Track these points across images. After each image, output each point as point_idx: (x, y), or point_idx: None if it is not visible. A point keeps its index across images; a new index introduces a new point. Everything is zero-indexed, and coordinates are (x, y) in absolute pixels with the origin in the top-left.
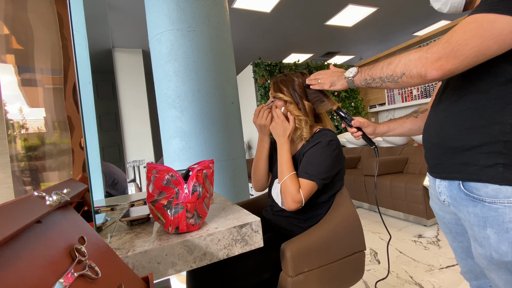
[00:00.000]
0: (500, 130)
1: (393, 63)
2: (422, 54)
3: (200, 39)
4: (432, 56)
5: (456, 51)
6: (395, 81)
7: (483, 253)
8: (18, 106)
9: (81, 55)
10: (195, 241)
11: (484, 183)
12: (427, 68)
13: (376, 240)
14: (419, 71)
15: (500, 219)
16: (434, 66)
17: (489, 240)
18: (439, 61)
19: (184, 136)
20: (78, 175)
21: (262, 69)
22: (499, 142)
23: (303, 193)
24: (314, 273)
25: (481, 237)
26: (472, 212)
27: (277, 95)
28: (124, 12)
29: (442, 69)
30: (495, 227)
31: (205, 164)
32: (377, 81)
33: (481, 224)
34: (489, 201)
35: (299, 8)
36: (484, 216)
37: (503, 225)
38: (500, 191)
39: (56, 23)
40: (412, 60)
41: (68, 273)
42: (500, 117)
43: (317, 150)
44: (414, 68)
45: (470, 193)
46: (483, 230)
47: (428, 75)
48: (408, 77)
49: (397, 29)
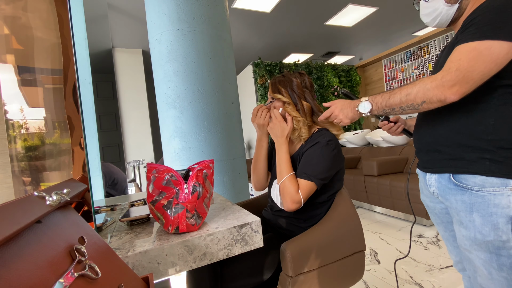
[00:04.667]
0: (483, 130)
1: (412, 93)
2: (438, 83)
3: (200, 39)
4: (448, 83)
5: (467, 77)
6: (416, 108)
7: (467, 234)
8: (18, 106)
9: (81, 55)
10: (195, 241)
11: (473, 175)
12: (446, 94)
13: (376, 240)
14: (439, 98)
15: (485, 205)
16: (451, 92)
17: (474, 223)
18: (454, 86)
19: (184, 136)
20: (78, 175)
21: (262, 69)
22: (484, 140)
23: (302, 194)
24: (314, 273)
25: (467, 220)
26: (460, 200)
27: (275, 96)
28: (124, 12)
29: (459, 93)
30: (481, 211)
31: (205, 164)
32: (397, 110)
33: (468, 209)
34: (477, 189)
35: (299, 8)
36: (471, 203)
37: (488, 210)
38: (486, 181)
39: (56, 23)
40: (430, 89)
41: (68, 273)
42: (483, 119)
43: (315, 150)
44: (434, 97)
45: (460, 183)
46: (470, 214)
47: (447, 100)
48: (429, 103)
49: (397, 29)
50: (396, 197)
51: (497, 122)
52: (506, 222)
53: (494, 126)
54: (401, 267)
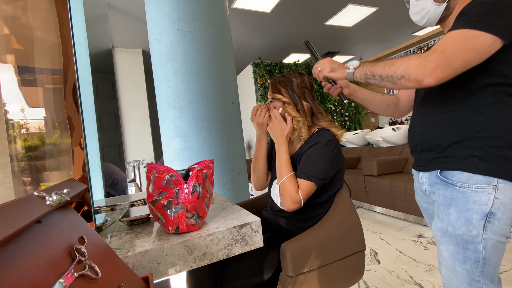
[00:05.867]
0: (475, 128)
1: (395, 64)
2: (421, 61)
3: (200, 39)
4: (431, 64)
5: (450, 61)
6: (394, 81)
7: (440, 226)
8: (18, 106)
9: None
10: (195, 241)
11: (460, 171)
12: (425, 75)
13: (376, 240)
14: (417, 76)
15: (464, 200)
16: (431, 74)
17: (450, 217)
18: (436, 69)
19: (184, 136)
20: (78, 175)
21: (262, 69)
22: (475, 138)
23: (302, 194)
24: (314, 273)
25: (444, 214)
26: (442, 194)
27: (275, 96)
28: (124, 12)
29: (438, 77)
30: (458, 206)
31: (205, 164)
32: (377, 78)
33: (447, 204)
34: (460, 185)
35: (299, 8)
36: (451, 197)
37: (465, 205)
38: (471, 178)
39: (56, 23)
40: (412, 65)
41: (68, 273)
42: (475, 117)
43: (315, 150)
44: (413, 73)
45: (445, 178)
46: (447, 208)
47: (424, 82)
48: (407, 80)
49: (397, 29)
50: (396, 197)
51: (488, 120)
52: (480, 218)
53: (485, 124)
54: (401, 267)
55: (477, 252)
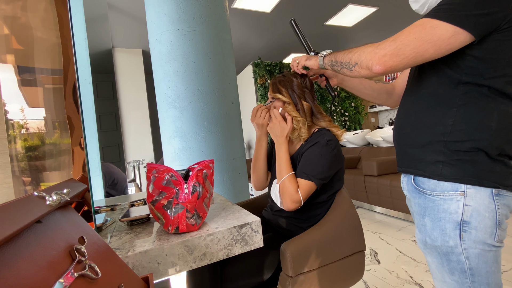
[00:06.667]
0: (442, 131)
1: (352, 51)
2: (373, 48)
3: (200, 39)
4: (380, 51)
5: (399, 50)
6: (350, 68)
7: (420, 238)
8: (18, 106)
9: (81, 55)
10: (195, 241)
11: (428, 178)
12: (373, 62)
13: (376, 240)
14: (367, 63)
15: (435, 209)
16: (379, 61)
17: (425, 227)
18: (384, 57)
19: (184, 136)
20: (78, 175)
21: (262, 69)
22: (441, 142)
23: (302, 193)
24: (314, 273)
25: (420, 224)
26: (417, 203)
27: (275, 95)
28: (124, 12)
29: (385, 65)
30: (431, 216)
31: (205, 164)
32: (338, 65)
33: (421, 213)
34: (429, 193)
35: (299, 8)
36: (424, 206)
37: (437, 214)
38: (438, 185)
39: (56, 23)
40: (365, 52)
41: (68, 273)
42: (444, 119)
43: (315, 150)
44: (365, 60)
45: (418, 186)
46: (422, 218)
47: (373, 69)
48: (360, 67)
49: (397, 29)
50: (396, 197)
51: (456, 123)
52: (453, 227)
53: (452, 127)
54: (401, 267)
55: (460, 263)
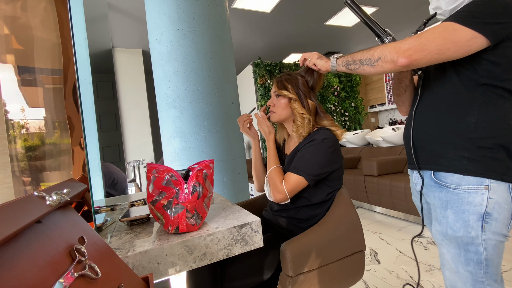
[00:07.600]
0: (465, 128)
1: (372, 49)
2: (397, 44)
3: (200, 39)
4: (404, 46)
5: (424, 45)
6: (372, 64)
7: (440, 229)
8: (18, 106)
9: (81, 55)
10: (195, 241)
11: (451, 173)
12: (399, 55)
13: (376, 240)
14: (392, 57)
15: (459, 202)
16: (404, 54)
17: (448, 219)
18: (409, 50)
19: (184, 136)
20: (78, 175)
21: (262, 69)
22: (465, 138)
23: (286, 186)
24: (314, 273)
25: (442, 216)
26: (438, 196)
27: (281, 92)
28: (124, 12)
29: (411, 57)
30: (454, 208)
31: (205, 164)
32: (357, 63)
33: (443, 206)
34: (453, 187)
35: (299, 8)
36: (446, 200)
37: (461, 207)
38: (463, 179)
39: (56, 23)
40: (388, 47)
41: (68, 273)
42: (466, 117)
43: (310, 147)
44: (389, 54)
45: (439, 181)
46: (444, 211)
47: (398, 62)
48: (383, 61)
49: (397, 29)
50: (396, 197)
51: (479, 121)
52: (477, 219)
53: (475, 125)
54: (401, 267)
55: (478, 253)
